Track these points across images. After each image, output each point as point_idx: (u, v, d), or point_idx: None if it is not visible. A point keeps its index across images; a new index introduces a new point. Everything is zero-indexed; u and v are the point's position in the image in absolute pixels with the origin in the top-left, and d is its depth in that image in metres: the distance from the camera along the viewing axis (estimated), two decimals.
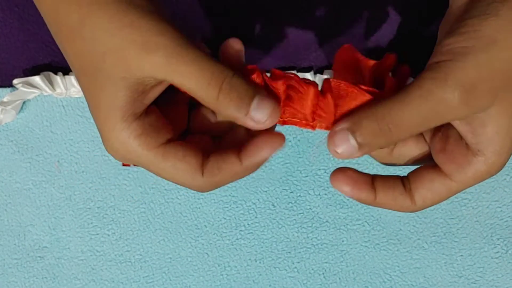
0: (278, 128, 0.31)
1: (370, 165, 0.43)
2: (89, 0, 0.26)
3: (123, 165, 0.34)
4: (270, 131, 0.29)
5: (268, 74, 0.29)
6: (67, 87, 0.42)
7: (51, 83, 0.41)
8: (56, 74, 0.41)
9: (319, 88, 0.29)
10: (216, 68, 0.26)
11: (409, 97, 0.26)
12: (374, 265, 0.45)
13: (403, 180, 0.31)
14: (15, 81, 0.41)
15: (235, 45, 0.30)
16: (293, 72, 0.29)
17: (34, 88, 0.41)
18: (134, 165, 0.29)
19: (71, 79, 0.41)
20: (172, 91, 0.29)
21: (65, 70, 0.42)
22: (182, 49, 0.26)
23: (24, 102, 0.43)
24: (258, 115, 0.26)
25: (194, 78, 0.26)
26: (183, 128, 0.31)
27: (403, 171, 0.33)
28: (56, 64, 0.42)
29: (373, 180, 0.31)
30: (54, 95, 0.42)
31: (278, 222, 0.44)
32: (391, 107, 0.27)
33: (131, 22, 0.26)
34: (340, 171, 0.30)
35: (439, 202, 0.30)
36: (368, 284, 0.45)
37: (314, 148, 0.39)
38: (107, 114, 0.27)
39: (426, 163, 0.31)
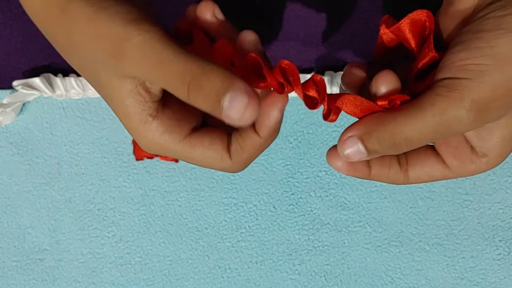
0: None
1: None
2: (66, 14, 0.26)
3: (137, 159, 0.34)
4: (270, 94, 0.28)
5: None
6: (67, 89, 0.42)
7: (51, 85, 0.41)
8: (56, 75, 0.41)
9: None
10: (184, 66, 0.25)
11: (424, 114, 0.26)
12: (375, 267, 0.45)
13: (399, 157, 0.31)
14: (14, 83, 0.41)
15: (248, 37, 0.30)
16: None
17: (34, 90, 0.41)
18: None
19: (71, 80, 0.41)
20: None
21: (65, 72, 0.42)
22: (148, 52, 0.26)
23: (24, 104, 0.43)
24: (231, 113, 0.24)
25: (163, 79, 0.26)
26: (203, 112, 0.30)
27: None
28: (56, 66, 0.42)
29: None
30: (54, 97, 0.42)
31: (279, 224, 0.44)
32: (404, 123, 0.27)
33: (100, 32, 0.26)
34: (335, 148, 0.30)
35: (431, 181, 0.31)
36: (370, 286, 0.45)
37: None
38: (128, 120, 0.28)
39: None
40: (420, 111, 0.26)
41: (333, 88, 0.41)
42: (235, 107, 0.24)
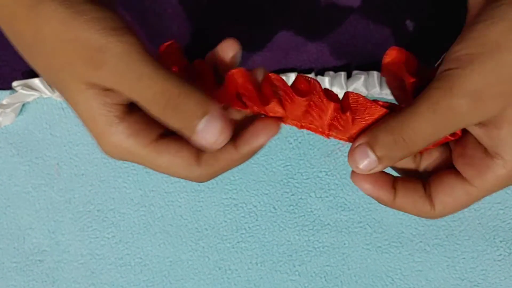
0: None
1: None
2: (36, 14, 0.25)
3: None
4: (265, 117, 0.29)
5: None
6: None
7: (50, 85, 0.41)
8: None
9: (340, 98, 0.29)
10: (162, 84, 0.25)
11: (419, 109, 0.26)
12: (376, 268, 0.44)
13: (424, 185, 0.30)
14: (14, 84, 0.41)
15: (230, 46, 0.30)
16: (314, 79, 0.28)
17: (34, 90, 0.41)
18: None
19: None
20: None
21: None
22: (127, 65, 0.25)
23: (23, 105, 0.43)
24: (207, 136, 0.26)
25: (139, 94, 0.26)
26: None
27: None
28: None
29: (394, 181, 0.30)
30: (54, 97, 0.42)
31: (279, 225, 0.44)
32: (403, 120, 0.27)
33: (76, 37, 0.25)
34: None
35: (460, 209, 0.29)
36: (370, 287, 0.45)
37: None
38: (93, 122, 0.27)
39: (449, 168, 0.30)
40: (417, 107, 0.26)
41: (333, 88, 0.41)
42: (210, 131, 0.25)
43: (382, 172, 0.30)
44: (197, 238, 0.44)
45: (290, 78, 0.41)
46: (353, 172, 0.30)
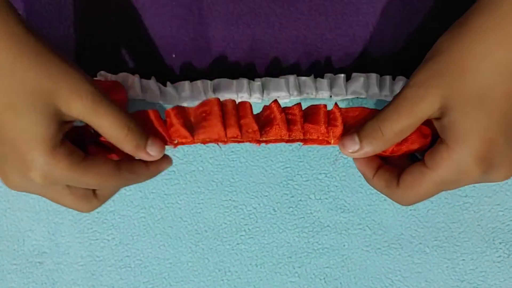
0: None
1: None
2: (18, 40, 0.31)
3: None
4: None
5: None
6: None
7: None
8: None
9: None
10: (125, 113, 0.34)
11: (387, 109, 0.34)
12: (375, 270, 0.45)
13: (401, 172, 0.36)
14: None
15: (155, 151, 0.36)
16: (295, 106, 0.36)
17: None
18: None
19: None
20: None
21: None
22: (101, 96, 0.33)
23: None
24: (152, 151, 0.35)
25: (111, 120, 0.33)
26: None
27: None
28: None
29: (379, 164, 0.37)
30: None
31: (279, 227, 0.44)
32: (383, 117, 0.34)
33: (58, 69, 0.32)
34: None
35: (419, 188, 0.34)
36: None
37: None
38: (37, 145, 0.32)
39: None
40: (388, 105, 0.34)
41: (332, 90, 0.41)
42: (155, 148, 0.35)
43: (374, 156, 0.36)
44: (197, 240, 0.44)
45: (290, 80, 0.41)
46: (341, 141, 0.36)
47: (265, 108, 0.36)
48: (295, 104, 0.36)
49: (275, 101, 0.36)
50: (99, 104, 0.32)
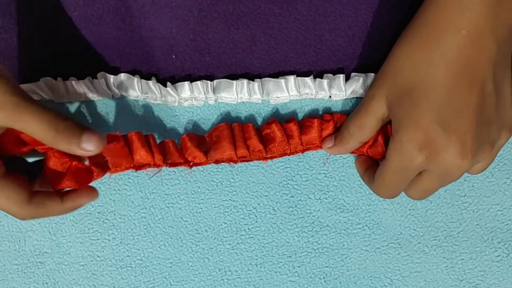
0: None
1: None
2: None
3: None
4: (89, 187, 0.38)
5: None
6: (68, 92, 0.42)
7: (51, 88, 0.41)
8: (56, 79, 0.42)
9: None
10: (51, 115, 0.34)
11: (357, 109, 0.40)
12: (375, 269, 0.45)
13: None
14: None
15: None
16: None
17: (34, 93, 0.42)
18: None
19: (72, 83, 0.41)
20: None
21: (65, 76, 0.42)
22: (24, 103, 0.33)
23: None
24: (89, 146, 0.35)
25: (35, 124, 0.33)
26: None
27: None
28: (56, 70, 0.42)
29: (372, 164, 0.42)
30: (54, 100, 0.42)
31: (279, 227, 0.44)
32: (349, 117, 0.40)
33: None
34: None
35: (382, 178, 0.39)
36: None
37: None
38: None
39: None
40: (357, 109, 0.40)
41: (332, 91, 0.42)
42: (91, 143, 0.35)
43: (368, 157, 0.42)
44: (197, 240, 0.44)
45: (290, 81, 0.41)
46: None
47: (265, 127, 0.41)
48: (291, 121, 0.41)
49: (274, 121, 0.41)
50: (22, 112, 0.33)
